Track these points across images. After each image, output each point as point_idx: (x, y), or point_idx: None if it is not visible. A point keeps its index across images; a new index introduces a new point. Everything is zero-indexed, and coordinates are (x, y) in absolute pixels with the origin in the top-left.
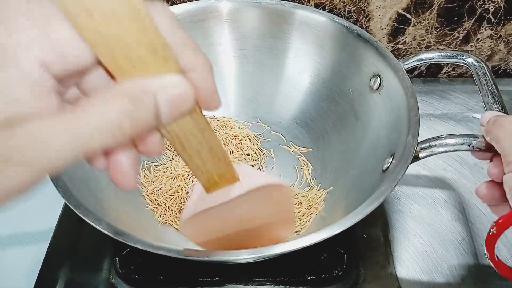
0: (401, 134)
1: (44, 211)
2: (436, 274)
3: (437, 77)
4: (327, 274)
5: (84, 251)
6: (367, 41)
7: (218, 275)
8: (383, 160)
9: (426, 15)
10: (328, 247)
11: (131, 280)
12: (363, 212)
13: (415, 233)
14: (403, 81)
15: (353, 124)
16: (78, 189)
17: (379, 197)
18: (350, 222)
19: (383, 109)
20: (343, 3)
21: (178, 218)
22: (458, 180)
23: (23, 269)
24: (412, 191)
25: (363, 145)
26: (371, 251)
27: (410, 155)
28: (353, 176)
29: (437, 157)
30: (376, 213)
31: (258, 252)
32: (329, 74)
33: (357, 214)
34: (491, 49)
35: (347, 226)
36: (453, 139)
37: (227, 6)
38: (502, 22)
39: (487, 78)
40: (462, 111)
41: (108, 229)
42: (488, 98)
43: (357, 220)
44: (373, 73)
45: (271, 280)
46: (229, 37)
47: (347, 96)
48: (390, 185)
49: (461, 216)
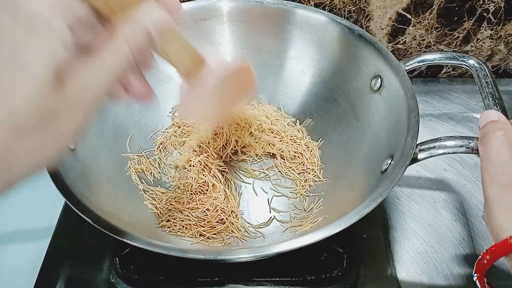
0: (401, 135)
1: (45, 209)
2: (436, 274)
3: (437, 77)
4: (327, 274)
5: (84, 251)
6: (368, 42)
7: (218, 275)
8: (382, 161)
9: (426, 15)
10: (328, 247)
11: (131, 280)
12: (361, 213)
13: (415, 233)
14: (403, 83)
15: (353, 125)
16: (76, 187)
17: (376, 198)
18: (348, 222)
19: (383, 110)
20: (343, 3)
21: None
22: (458, 180)
23: (23, 268)
24: (412, 191)
25: (362, 146)
26: (371, 251)
27: (409, 157)
28: (352, 177)
29: (437, 158)
30: (376, 213)
31: (256, 252)
32: (330, 75)
33: (355, 215)
34: (491, 49)
35: (345, 227)
36: (452, 141)
37: (228, 5)
38: (502, 22)
39: (488, 80)
40: (462, 111)
41: (105, 227)
42: (489, 100)
43: (354, 220)
44: (374, 74)
45: (271, 280)
46: (230, 36)
47: (348, 96)
48: (388, 187)
49: (461, 216)
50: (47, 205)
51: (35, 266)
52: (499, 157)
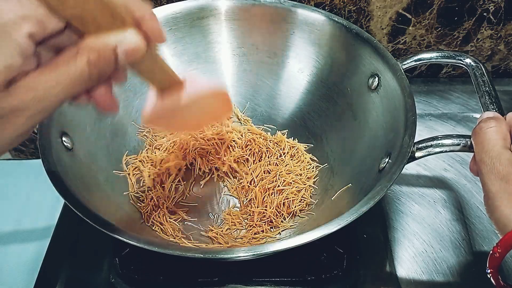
0: (398, 134)
1: (45, 209)
2: (436, 274)
3: (437, 77)
4: (327, 274)
5: (84, 251)
6: (365, 41)
7: (218, 275)
8: (379, 159)
9: (426, 15)
10: (328, 247)
11: (131, 280)
12: (359, 212)
13: (415, 233)
14: (401, 81)
15: (351, 124)
16: (74, 186)
17: (374, 197)
18: (346, 221)
19: (381, 109)
20: (343, 3)
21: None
22: (458, 180)
23: (23, 267)
24: (412, 191)
25: (360, 144)
26: (371, 251)
27: (406, 155)
28: (349, 176)
29: (438, 157)
30: (376, 213)
31: (255, 250)
32: (328, 73)
33: (353, 214)
34: (491, 49)
35: (343, 225)
36: (449, 140)
37: (226, 4)
38: (502, 22)
39: (484, 79)
40: (462, 111)
41: (103, 226)
42: (485, 99)
43: (352, 219)
44: (372, 72)
45: (271, 280)
46: (227, 35)
47: (346, 95)
48: (386, 185)
49: (461, 216)
50: (47, 205)
51: (35, 266)
52: (494, 147)
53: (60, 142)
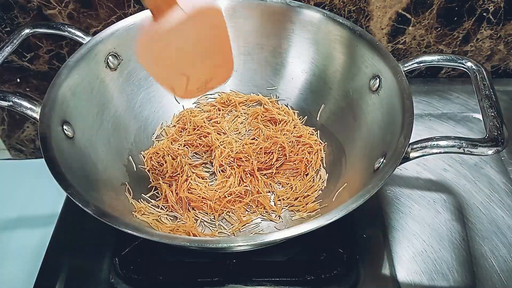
0: (394, 135)
1: (49, 197)
2: (436, 274)
3: (437, 77)
4: (327, 274)
5: (84, 251)
6: (368, 42)
7: (218, 275)
8: (375, 160)
9: (426, 15)
10: (328, 247)
11: (131, 280)
12: (348, 208)
13: (415, 233)
14: (401, 83)
15: (351, 125)
16: (73, 174)
17: (364, 195)
18: (334, 217)
19: (380, 110)
20: (343, 3)
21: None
22: (458, 180)
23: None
24: (412, 191)
25: (358, 145)
26: (371, 251)
27: (400, 155)
28: (347, 175)
29: (437, 158)
30: (376, 213)
31: (251, 239)
32: (331, 74)
33: (342, 210)
34: (490, 49)
35: (330, 221)
36: (444, 141)
37: (230, 2)
38: (502, 22)
39: (485, 83)
40: (462, 111)
41: (93, 211)
42: (485, 102)
43: (341, 215)
44: (373, 74)
45: (271, 280)
46: (231, 33)
47: (347, 96)
48: (377, 184)
49: (461, 216)
50: (51, 193)
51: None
52: None
53: (61, 130)
